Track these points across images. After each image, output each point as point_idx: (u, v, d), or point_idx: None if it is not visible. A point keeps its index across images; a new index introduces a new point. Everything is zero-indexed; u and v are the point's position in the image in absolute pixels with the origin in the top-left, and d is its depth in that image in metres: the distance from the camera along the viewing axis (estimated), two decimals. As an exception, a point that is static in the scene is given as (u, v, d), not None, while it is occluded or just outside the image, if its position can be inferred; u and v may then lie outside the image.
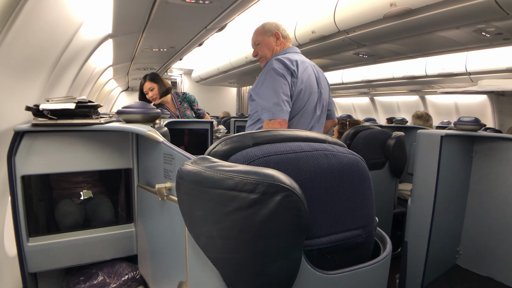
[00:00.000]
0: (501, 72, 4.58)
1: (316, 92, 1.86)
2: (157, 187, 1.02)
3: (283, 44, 1.95)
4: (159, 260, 1.26)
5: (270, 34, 1.94)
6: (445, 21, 2.81)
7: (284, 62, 1.73)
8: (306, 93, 1.79)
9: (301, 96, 1.77)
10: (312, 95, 1.83)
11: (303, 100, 1.78)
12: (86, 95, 4.23)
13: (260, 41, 1.96)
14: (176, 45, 3.48)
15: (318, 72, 1.93)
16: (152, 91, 2.98)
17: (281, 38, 1.93)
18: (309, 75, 1.82)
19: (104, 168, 1.49)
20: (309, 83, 1.81)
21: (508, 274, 1.90)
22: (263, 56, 1.96)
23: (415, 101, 7.43)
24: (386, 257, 0.91)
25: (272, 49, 1.93)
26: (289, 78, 1.72)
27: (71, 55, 2.10)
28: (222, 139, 0.84)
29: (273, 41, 1.93)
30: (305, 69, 1.81)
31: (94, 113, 1.39)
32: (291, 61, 1.75)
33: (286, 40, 1.96)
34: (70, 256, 1.43)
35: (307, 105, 1.81)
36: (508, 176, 1.90)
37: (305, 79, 1.79)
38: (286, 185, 0.65)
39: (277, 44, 1.93)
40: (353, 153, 0.91)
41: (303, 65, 1.81)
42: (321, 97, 1.90)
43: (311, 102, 1.83)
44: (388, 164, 2.53)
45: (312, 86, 1.83)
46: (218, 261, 0.71)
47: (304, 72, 1.79)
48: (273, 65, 1.73)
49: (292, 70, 1.73)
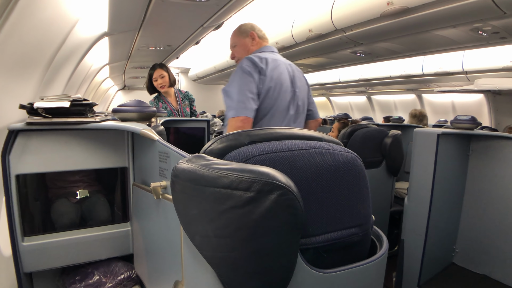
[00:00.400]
0: (498, 71, 4.60)
1: (289, 90, 1.81)
2: (152, 185, 1.01)
3: (259, 44, 1.91)
4: (155, 259, 1.25)
5: (245, 35, 1.91)
6: (442, 19, 2.81)
7: (253, 60, 1.69)
8: (276, 91, 1.74)
9: (270, 94, 1.72)
10: (283, 94, 1.77)
11: (272, 98, 1.74)
12: (82, 94, 4.21)
13: (237, 42, 1.94)
14: (172, 44, 3.47)
15: (294, 71, 1.88)
16: (163, 78, 3.03)
17: (257, 38, 1.90)
18: (280, 73, 1.77)
19: (100, 167, 1.48)
20: (280, 81, 1.75)
21: (504, 272, 1.91)
22: (239, 58, 1.93)
23: (412, 99, 7.46)
24: (382, 255, 0.91)
25: (248, 50, 1.91)
26: (256, 76, 1.68)
27: (66, 53, 2.09)
28: (217, 137, 0.84)
29: (249, 42, 1.90)
30: (276, 66, 1.76)
31: (89, 112, 1.38)
32: (260, 59, 1.71)
33: (262, 40, 1.93)
34: (65, 256, 1.42)
35: (278, 103, 1.76)
36: (504, 175, 1.90)
37: (275, 77, 1.74)
38: (282, 183, 0.65)
39: (253, 45, 1.90)
40: (350, 151, 0.90)
41: (274, 63, 1.76)
42: (295, 96, 1.85)
43: (282, 101, 1.78)
44: (385, 163, 2.53)
45: (283, 84, 1.77)
46: (213, 260, 0.70)
47: (274, 70, 1.74)
48: (241, 64, 1.71)
49: (260, 68, 1.69)
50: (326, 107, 10.50)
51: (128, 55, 4.06)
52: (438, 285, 1.91)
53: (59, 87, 2.33)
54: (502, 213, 1.91)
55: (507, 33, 3.13)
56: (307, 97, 1.97)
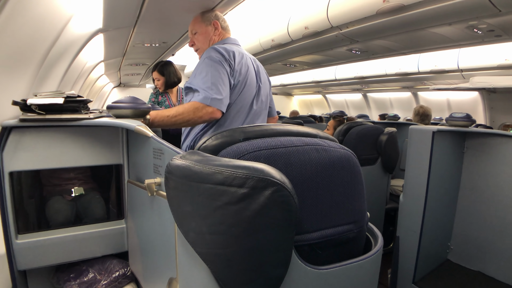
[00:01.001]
0: (493, 69, 4.62)
1: (255, 86, 1.74)
2: (147, 182, 1.00)
3: (222, 35, 1.84)
4: (150, 256, 1.25)
5: (208, 23, 1.82)
6: (437, 17, 2.81)
7: (221, 51, 1.62)
8: (242, 86, 1.67)
9: (237, 89, 1.66)
10: (249, 89, 1.71)
11: (238, 93, 1.67)
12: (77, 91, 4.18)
13: (197, 29, 1.84)
14: (168, 40, 3.44)
15: (258, 66, 1.82)
16: (158, 81, 3.11)
17: (219, 28, 1.82)
18: (247, 67, 1.71)
19: (94, 164, 1.47)
20: (246, 76, 1.69)
21: (498, 269, 1.92)
22: (200, 47, 1.84)
23: (407, 97, 7.48)
24: (377, 252, 0.91)
25: (209, 39, 1.82)
26: (227, 68, 1.60)
27: (60, 49, 2.07)
28: (212, 134, 0.83)
29: (211, 31, 1.82)
30: (243, 60, 1.70)
31: (83, 108, 1.37)
32: (227, 51, 1.63)
33: (225, 31, 1.86)
34: (60, 253, 1.41)
35: (243, 99, 1.69)
36: (498, 172, 1.91)
37: (243, 72, 1.67)
38: (276, 179, 0.64)
39: (215, 34, 1.82)
40: (345, 148, 0.90)
41: (241, 57, 1.69)
42: (260, 91, 1.78)
43: (247, 97, 1.71)
44: (380, 160, 2.54)
45: (249, 79, 1.71)
46: (207, 257, 0.70)
47: (241, 64, 1.67)
48: (209, 53, 1.62)
49: (229, 61, 1.61)
50: (322, 105, 10.52)
51: (124, 52, 4.02)
52: (432, 281, 1.92)
53: (54, 83, 2.30)
54: (496, 210, 1.92)
55: (502, 31, 3.14)
56: (269, 93, 1.91)
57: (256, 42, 4.42)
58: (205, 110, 1.51)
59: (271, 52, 4.46)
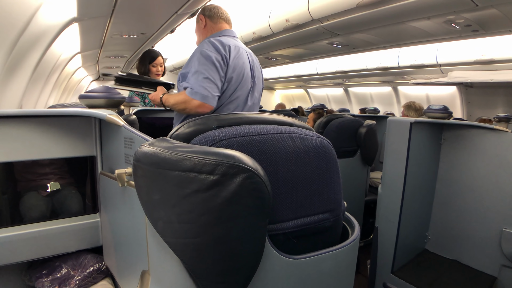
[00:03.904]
0: (470, 64, 4.73)
1: (250, 81, 1.73)
2: (117, 172, 0.97)
3: (212, 26, 1.82)
4: (123, 249, 1.21)
5: (198, 19, 1.85)
6: (416, 11, 2.85)
7: (215, 44, 1.61)
8: (237, 82, 1.67)
9: (231, 84, 1.65)
10: (244, 84, 1.70)
11: (232, 89, 1.66)
12: (52, 83, 4.06)
13: (195, 29, 1.89)
14: (146, 31, 3.37)
15: (254, 60, 1.80)
16: (161, 67, 3.03)
17: (206, 21, 1.81)
18: (243, 62, 1.69)
19: (66, 156, 1.42)
20: (241, 70, 1.67)
21: (473, 257, 1.97)
22: (197, 43, 1.86)
23: (388, 92, 7.59)
24: (354, 241, 0.90)
25: (200, 33, 1.84)
26: (218, 64, 1.59)
27: (31, 38, 1.99)
28: (185, 122, 0.80)
29: (201, 25, 1.83)
30: (238, 55, 1.68)
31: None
32: (223, 45, 1.62)
33: (213, 22, 1.82)
34: (32, 249, 1.36)
35: (239, 94, 1.69)
36: (474, 163, 1.95)
37: (238, 66, 1.66)
38: (248, 165, 0.62)
39: (205, 28, 1.82)
40: (320, 136, 0.89)
41: (237, 50, 1.68)
42: (255, 87, 1.77)
43: (243, 92, 1.70)
44: (359, 152, 2.56)
45: (245, 74, 1.70)
46: (177, 246, 0.67)
47: (237, 58, 1.66)
48: (202, 47, 1.61)
49: (222, 55, 1.60)
50: (304, 99, 10.57)
51: (101, 43, 3.92)
52: (410, 271, 1.95)
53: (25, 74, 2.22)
54: (472, 200, 1.96)
55: (479, 26, 3.21)
56: (262, 88, 1.91)
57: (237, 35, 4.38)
58: (192, 103, 1.57)
59: (252, 45, 4.45)
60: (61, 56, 3.51)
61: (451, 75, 4.94)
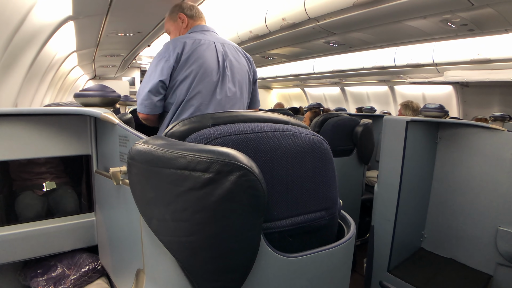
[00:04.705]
0: (466, 63, 4.74)
1: (215, 73, 1.64)
2: (112, 171, 0.96)
3: (191, 25, 1.76)
4: (118, 248, 1.21)
5: (175, 18, 1.77)
6: (412, 10, 2.85)
7: (167, 46, 1.58)
8: (197, 76, 1.60)
9: (188, 80, 1.59)
10: (204, 77, 1.61)
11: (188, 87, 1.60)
12: (47, 82, 4.03)
13: (170, 28, 1.80)
14: (142, 30, 3.36)
15: (227, 51, 1.71)
16: None
17: (186, 19, 1.75)
18: (203, 55, 1.61)
19: (61, 154, 1.41)
20: (200, 63, 1.60)
21: (469, 255, 1.98)
22: None
23: (384, 91, 7.60)
24: (349, 239, 0.90)
25: (179, 33, 1.77)
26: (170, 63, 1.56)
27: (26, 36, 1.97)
28: (180, 120, 0.80)
29: (179, 24, 1.77)
30: (198, 47, 1.60)
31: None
32: (174, 44, 1.58)
33: (194, 20, 1.77)
34: (27, 248, 1.35)
35: (200, 89, 1.61)
36: (470, 161, 1.96)
37: (194, 60, 1.59)
38: (242, 163, 0.62)
39: (183, 27, 1.76)
40: (316, 135, 0.89)
41: (196, 44, 1.60)
42: (224, 79, 1.67)
43: (206, 86, 1.62)
44: (356, 151, 2.56)
45: (206, 67, 1.61)
46: (171, 245, 0.67)
47: (194, 52, 1.59)
48: (160, 50, 1.59)
49: (176, 53, 1.55)
50: (301, 98, 10.58)
51: (97, 41, 3.90)
52: (406, 269, 1.95)
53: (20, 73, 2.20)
54: (468, 199, 1.97)
55: (475, 25, 3.22)
56: (249, 80, 1.85)
57: (234, 34, 4.37)
58: (140, 116, 1.66)
59: (249, 43, 4.43)
60: (56, 54, 3.49)
61: (447, 74, 4.96)
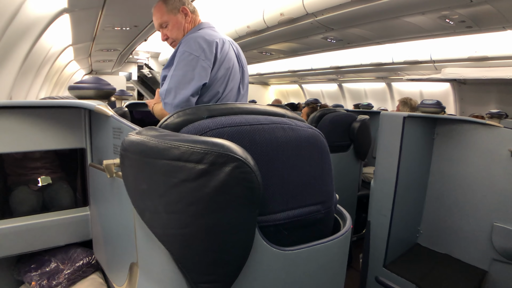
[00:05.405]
0: (463, 61, 4.75)
1: (239, 71, 1.67)
2: (105, 163, 0.94)
3: (194, 20, 1.70)
4: (112, 242, 1.20)
5: (176, 11, 1.66)
6: (411, 5, 2.85)
7: (202, 45, 1.51)
8: (227, 76, 1.60)
9: (222, 81, 1.57)
10: (235, 75, 1.64)
11: (223, 85, 1.59)
12: (43, 77, 4.00)
13: (168, 21, 1.68)
14: (139, 24, 3.33)
15: (238, 49, 1.73)
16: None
17: (190, 13, 1.68)
18: (230, 55, 1.62)
19: (55, 148, 1.40)
20: (229, 63, 1.61)
21: (464, 251, 1.98)
22: (175, 39, 1.71)
23: (382, 88, 7.61)
24: (345, 233, 0.89)
25: (183, 28, 1.68)
26: (208, 63, 1.51)
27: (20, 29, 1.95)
28: (175, 112, 0.79)
29: (182, 19, 1.67)
30: (224, 48, 1.60)
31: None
32: (209, 43, 1.53)
33: (195, 15, 1.71)
34: (21, 243, 1.34)
35: (232, 86, 1.63)
36: (467, 157, 1.96)
37: (226, 60, 1.59)
38: (237, 155, 0.61)
39: (187, 22, 1.68)
40: (312, 128, 0.88)
41: (222, 44, 1.59)
42: (244, 74, 1.71)
43: (235, 85, 1.65)
44: (352, 147, 2.55)
45: (233, 66, 1.63)
46: (164, 237, 0.66)
47: (224, 52, 1.58)
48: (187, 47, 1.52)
49: (213, 53, 1.53)
50: (299, 95, 10.57)
51: (93, 35, 3.87)
52: (402, 265, 1.96)
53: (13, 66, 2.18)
54: (464, 195, 1.97)
55: (473, 22, 3.22)
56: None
57: (231, 29, 4.35)
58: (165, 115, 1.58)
59: (246, 39, 4.41)
60: (52, 48, 3.45)
61: (444, 71, 4.96)
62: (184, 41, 1.54)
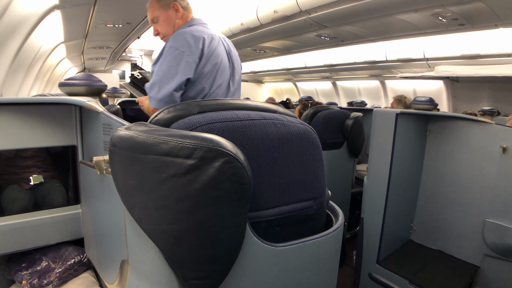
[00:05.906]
0: (456, 58, 4.78)
1: (228, 67, 1.66)
2: (95, 160, 0.93)
3: (185, 16, 1.70)
4: (103, 239, 1.19)
5: (168, 7, 1.67)
6: (404, 3, 2.85)
7: (188, 41, 1.51)
8: (216, 72, 1.59)
9: (208, 76, 1.57)
10: (223, 73, 1.63)
11: (210, 80, 1.58)
12: (35, 74, 3.96)
13: (159, 16, 1.68)
14: (132, 21, 3.31)
15: (229, 45, 1.72)
16: None
17: (181, 9, 1.67)
18: (219, 51, 1.61)
19: (46, 145, 1.38)
20: (218, 60, 1.60)
21: (457, 247, 1.99)
22: (166, 34, 1.70)
23: (375, 86, 7.63)
24: (337, 229, 0.89)
25: (173, 24, 1.68)
26: (194, 58, 1.50)
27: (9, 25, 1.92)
28: (165, 107, 0.78)
29: (173, 14, 1.67)
30: (213, 44, 1.59)
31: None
32: (196, 39, 1.52)
33: (187, 11, 1.71)
34: (11, 242, 1.32)
35: (219, 84, 1.62)
36: (459, 154, 1.97)
37: (215, 56, 1.58)
38: (227, 150, 0.60)
39: (177, 17, 1.68)
40: (304, 123, 0.87)
41: (210, 40, 1.58)
42: (234, 71, 1.71)
43: (223, 81, 1.64)
44: (346, 144, 2.56)
45: (222, 62, 1.62)
46: (154, 234, 0.65)
47: (212, 49, 1.57)
48: (174, 42, 1.52)
49: (200, 48, 1.52)
50: (293, 92, 10.58)
51: (85, 32, 3.84)
52: (395, 261, 1.96)
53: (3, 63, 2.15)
54: (456, 191, 1.98)
55: (465, 19, 3.24)
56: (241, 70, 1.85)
57: (225, 26, 4.34)
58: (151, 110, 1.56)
59: (240, 36, 4.40)
60: (43, 45, 3.41)
61: (437, 69, 5.00)
62: (172, 37, 1.54)
